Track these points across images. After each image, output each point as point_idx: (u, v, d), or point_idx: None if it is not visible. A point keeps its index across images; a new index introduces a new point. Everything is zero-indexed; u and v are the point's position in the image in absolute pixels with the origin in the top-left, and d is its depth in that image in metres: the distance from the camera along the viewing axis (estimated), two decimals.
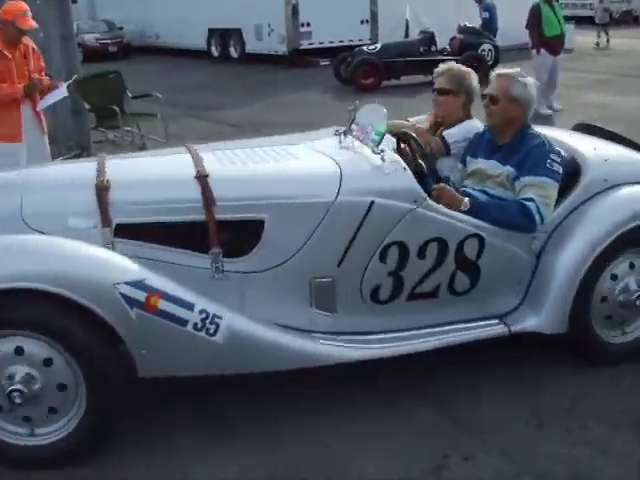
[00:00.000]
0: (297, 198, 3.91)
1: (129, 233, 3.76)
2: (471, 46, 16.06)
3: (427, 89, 14.83)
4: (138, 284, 3.49)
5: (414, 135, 4.48)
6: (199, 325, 3.59)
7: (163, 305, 3.51)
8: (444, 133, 4.70)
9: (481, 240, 4.10)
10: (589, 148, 4.62)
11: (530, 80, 4.34)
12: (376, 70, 15.67)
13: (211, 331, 3.61)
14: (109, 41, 27.77)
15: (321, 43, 21.26)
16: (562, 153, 4.35)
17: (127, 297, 3.44)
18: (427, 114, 5.02)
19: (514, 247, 4.21)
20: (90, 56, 23.86)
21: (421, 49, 16.21)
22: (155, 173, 4.17)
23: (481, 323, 4.23)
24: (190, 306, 3.58)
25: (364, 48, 16.61)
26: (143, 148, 9.79)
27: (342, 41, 20.99)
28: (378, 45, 16.78)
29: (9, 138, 6.55)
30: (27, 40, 6.76)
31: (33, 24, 6.59)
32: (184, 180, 3.89)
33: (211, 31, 24.75)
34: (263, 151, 4.36)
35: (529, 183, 4.14)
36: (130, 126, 9.79)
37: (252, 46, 22.76)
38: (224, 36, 24.25)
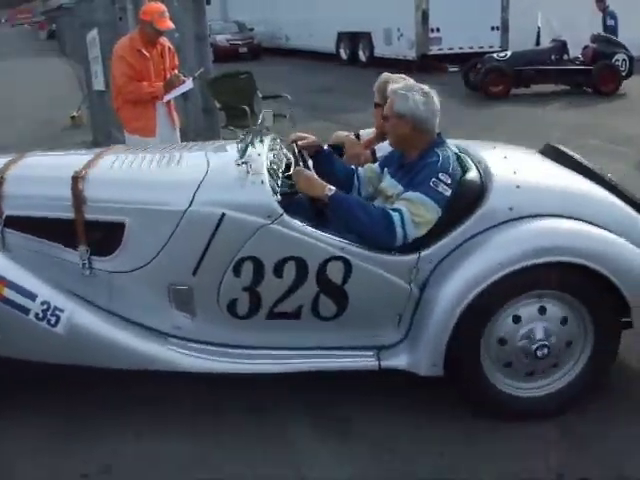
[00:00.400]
0: (154, 204, 3.97)
1: (16, 224, 4.07)
2: (604, 55, 15.59)
3: (557, 98, 14.68)
4: None
5: (297, 148, 4.41)
6: (40, 315, 3.90)
7: (7, 293, 3.88)
8: (376, 146, 4.60)
9: (347, 264, 3.83)
10: (507, 172, 4.13)
11: (416, 96, 3.97)
12: (506, 78, 15.43)
13: (52, 322, 3.90)
14: (240, 42, 28.26)
15: (450, 49, 21.05)
16: (470, 177, 4.01)
17: None
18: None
19: (390, 275, 3.86)
20: (221, 56, 24.24)
21: (552, 57, 15.85)
22: (51, 170, 4.43)
23: (352, 353, 3.99)
24: (33, 296, 3.91)
25: (494, 55, 16.38)
26: None
27: (472, 47, 20.74)
28: (508, 52, 16.49)
29: (144, 132, 6.76)
30: (164, 40, 6.96)
31: (170, 25, 6.78)
32: (64, 179, 4.04)
33: (340, 34, 24.88)
34: (161, 155, 4.49)
35: (405, 197, 3.86)
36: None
37: (381, 50, 22.76)
38: (353, 39, 24.35)
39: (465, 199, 3.92)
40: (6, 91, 23.44)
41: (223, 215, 3.81)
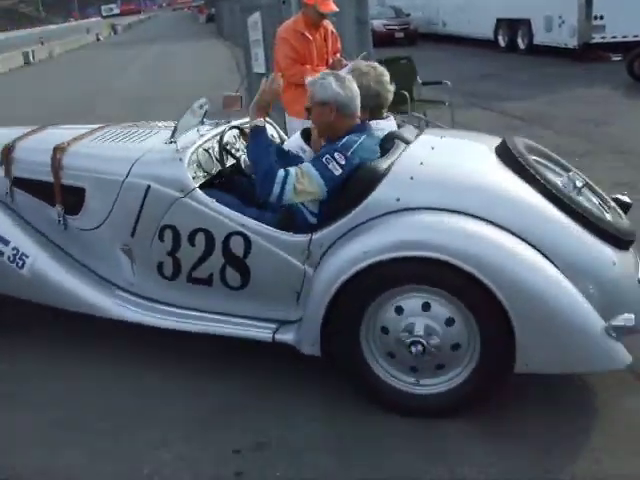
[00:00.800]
0: (103, 174, 4.66)
1: (19, 183, 5.01)
2: None
3: None
4: None
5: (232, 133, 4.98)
6: (11, 258, 4.83)
7: None
8: None
9: (247, 240, 4.17)
10: (412, 163, 4.11)
11: (334, 82, 4.18)
12: None
13: (19, 265, 4.81)
14: (396, 27, 28.08)
15: (614, 37, 20.22)
16: (376, 164, 4.02)
17: None
18: None
19: (285, 254, 4.11)
20: (377, 41, 24.05)
21: None
22: (49, 142, 5.03)
23: (255, 323, 4.28)
24: (6, 242, 4.86)
25: None
26: None
27: (637, 36, 19.88)
28: None
29: (303, 115, 6.77)
30: (327, 23, 6.96)
31: (334, 8, 6.76)
32: (50, 149, 4.86)
33: (499, 21, 24.38)
34: (137, 132, 5.14)
35: (299, 165, 4.08)
36: (418, 112, 9.77)
37: (540, 37, 22.13)
38: (512, 26, 23.79)
39: (360, 185, 3.96)
40: (168, 72, 24.22)
41: (149, 187, 4.41)
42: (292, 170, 4.01)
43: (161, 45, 41.01)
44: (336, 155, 4.00)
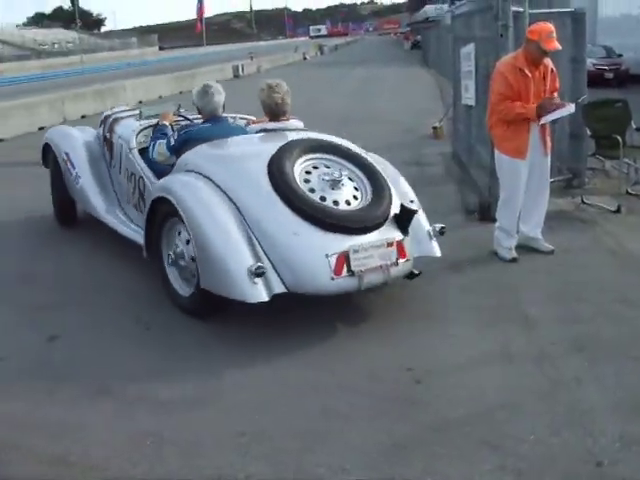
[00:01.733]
0: (116, 135, 7.66)
1: (104, 139, 8.04)
2: None
3: None
4: (65, 154, 8.09)
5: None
6: (74, 177, 7.88)
7: (69, 164, 7.99)
8: None
9: (144, 182, 6.78)
10: (219, 144, 6.20)
11: (197, 89, 6.78)
12: None
13: (77, 182, 7.85)
14: (606, 67, 27.26)
15: None
16: (194, 143, 6.20)
17: (62, 157, 8.14)
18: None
19: None
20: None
21: None
22: (119, 112, 8.51)
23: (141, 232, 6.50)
24: (75, 167, 7.90)
25: None
26: (637, 184, 9.35)
27: None
28: None
29: (514, 153, 6.66)
30: (547, 61, 6.80)
31: (557, 46, 6.61)
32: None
33: None
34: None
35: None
36: (629, 159, 9.32)
37: None
38: None
39: (181, 152, 6.25)
40: (371, 95, 24.51)
41: (122, 145, 7.36)
42: (158, 141, 6.55)
43: (365, 68, 41.63)
44: (175, 133, 6.54)
